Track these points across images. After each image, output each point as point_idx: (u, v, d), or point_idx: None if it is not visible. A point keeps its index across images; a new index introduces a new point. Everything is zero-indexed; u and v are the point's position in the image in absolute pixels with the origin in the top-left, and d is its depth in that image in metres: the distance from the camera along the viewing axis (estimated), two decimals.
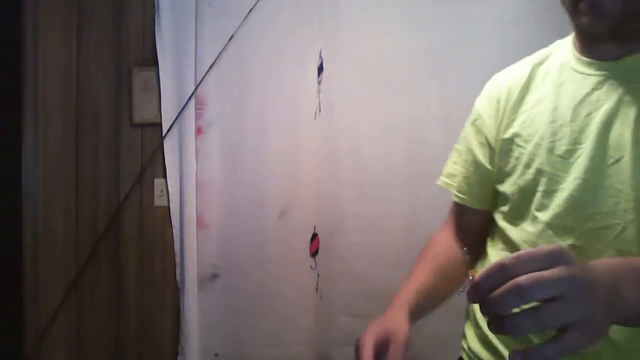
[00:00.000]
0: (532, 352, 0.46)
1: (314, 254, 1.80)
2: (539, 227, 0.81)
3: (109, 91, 1.87)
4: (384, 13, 1.73)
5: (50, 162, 1.87)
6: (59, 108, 1.87)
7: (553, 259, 0.47)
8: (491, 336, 0.89)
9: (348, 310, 1.77)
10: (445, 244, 0.99)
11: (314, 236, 1.80)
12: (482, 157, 0.91)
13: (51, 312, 1.86)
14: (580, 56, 0.83)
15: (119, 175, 1.87)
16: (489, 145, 0.90)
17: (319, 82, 1.77)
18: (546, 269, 0.46)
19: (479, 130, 0.92)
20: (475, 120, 0.94)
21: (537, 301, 0.45)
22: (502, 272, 0.46)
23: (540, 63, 0.89)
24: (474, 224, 0.98)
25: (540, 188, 0.81)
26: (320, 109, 1.78)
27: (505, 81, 0.91)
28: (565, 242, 0.78)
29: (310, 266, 1.80)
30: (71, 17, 1.86)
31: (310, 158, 1.78)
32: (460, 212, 0.99)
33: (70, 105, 1.87)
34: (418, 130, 1.72)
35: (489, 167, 0.91)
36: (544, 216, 0.81)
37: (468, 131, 0.96)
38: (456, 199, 0.96)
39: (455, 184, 0.97)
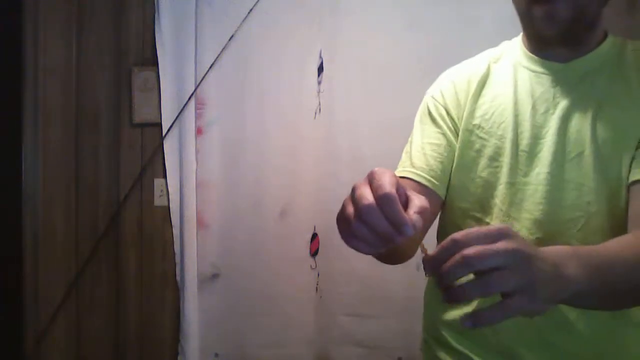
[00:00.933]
0: (481, 314, 0.49)
1: (314, 254, 1.80)
2: (507, 220, 0.82)
3: (109, 91, 1.87)
4: (383, 13, 1.73)
5: (50, 162, 1.87)
6: (59, 108, 1.87)
7: (500, 235, 0.49)
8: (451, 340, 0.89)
9: (348, 310, 1.77)
10: None
11: (314, 236, 1.80)
12: (454, 141, 0.89)
13: (51, 312, 1.86)
14: (532, 56, 0.86)
15: (119, 175, 1.87)
16: (455, 134, 0.89)
17: (319, 82, 1.78)
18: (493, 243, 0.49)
19: (444, 118, 0.90)
20: (438, 108, 0.92)
21: (483, 271, 0.48)
22: (454, 246, 0.49)
23: (495, 61, 0.92)
24: (429, 213, 0.93)
25: (504, 180, 0.82)
26: (320, 109, 1.78)
27: (463, 75, 0.92)
28: (532, 236, 0.80)
29: (310, 266, 1.80)
30: (71, 17, 1.86)
31: (310, 158, 1.78)
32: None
33: (70, 105, 1.87)
34: None
35: (454, 152, 0.89)
36: (511, 210, 0.82)
37: (432, 118, 0.92)
38: (425, 182, 0.87)
39: (408, 166, 0.90)
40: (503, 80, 0.88)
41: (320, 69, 1.77)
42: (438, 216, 0.95)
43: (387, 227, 0.50)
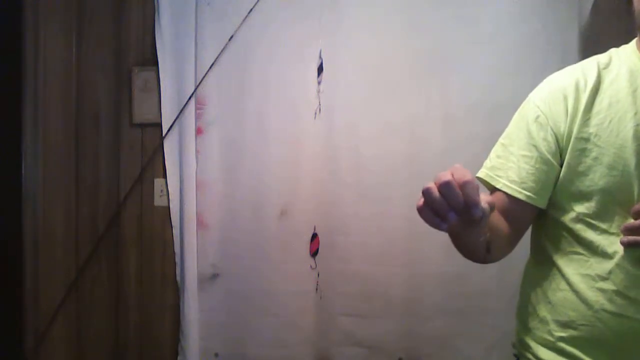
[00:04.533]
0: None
1: (314, 254, 1.80)
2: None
3: (109, 91, 1.87)
4: (383, 13, 1.73)
5: (50, 162, 1.87)
6: (59, 108, 1.87)
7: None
8: (565, 345, 0.89)
9: (348, 310, 1.77)
10: (497, 215, 0.93)
11: (314, 236, 1.80)
12: (549, 153, 0.89)
13: (51, 312, 1.86)
14: None
15: (119, 175, 1.87)
16: (557, 142, 0.89)
17: (319, 82, 1.77)
18: None
19: (542, 127, 0.90)
20: (538, 117, 0.91)
21: None
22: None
23: (605, 67, 0.90)
24: (522, 221, 0.94)
25: (629, 189, 0.83)
26: (320, 109, 1.78)
27: (570, 80, 0.90)
28: None
29: (310, 266, 1.80)
30: (71, 17, 1.86)
31: (310, 158, 1.78)
32: (508, 207, 0.93)
33: (70, 105, 1.87)
34: (418, 130, 1.72)
35: (555, 163, 0.90)
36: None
37: (529, 127, 0.92)
38: (519, 195, 0.91)
39: (503, 178, 0.93)
40: (618, 87, 0.87)
41: (320, 69, 1.77)
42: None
43: (461, 202, 0.61)
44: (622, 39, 0.96)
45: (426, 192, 0.63)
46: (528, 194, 0.90)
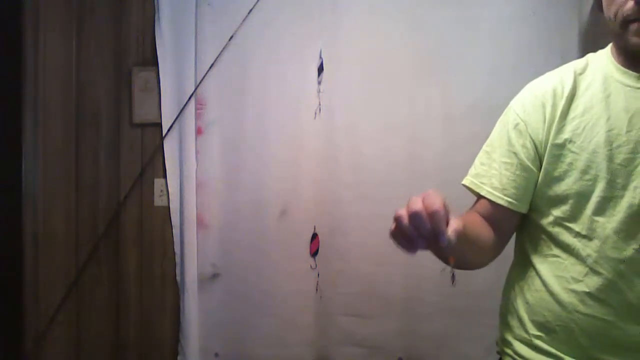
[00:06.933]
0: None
1: (314, 254, 1.80)
2: (602, 232, 0.85)
3: (109, 91, 1.87)
4: (383, 13, 1.73)
5: (50, 162, 1.87)
6: (59, 108, 1.87)
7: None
8: (541, 342, 0.92)
9: (348, 310, 1.77)
10: (482, 223, 0.96)
11: (314, 236, 1.80)
12: (528, 159, 0.92)
13: (51, 312, 1.86)
14: (627, 70, 0.87)
15: (119, 175, 1.87)
16: (535, 148, 0.92)
17: (319, 82, 1.77)
18: None
19: (522, 134, 0.93)
20: (517, 124, 0.94)
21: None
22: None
23: (581, 72, 0.92)
24: (506, 226, 0.97)
25: (600, 194, 0.85)
26: (320, 109, 1.78)
27: (548, 87, 0.93)
28: (630, 246, 0.83)
29: (310, 266, 1.80)
30: (71, 17, 1.86)
31: (310, 158, 1.78)
32: (492, 213, 0.95)
33: (70, 105, 1.87)
34: (418, 130, 1.72)
35: (534, 169, 0.92)
36: (608, 222, 0.84)
37: (509, 135, 0.95)
38: (501, 202, 0.93)
39: (487, 185, 0.96)
40: (593, 93, 0.89)
41: (320, 69, 1.77)
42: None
43: (429, 231, 0.65)
44: None
45: (397, 219, 0.67)
46: (509, 200, 0.93)
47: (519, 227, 0.99)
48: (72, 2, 1.86)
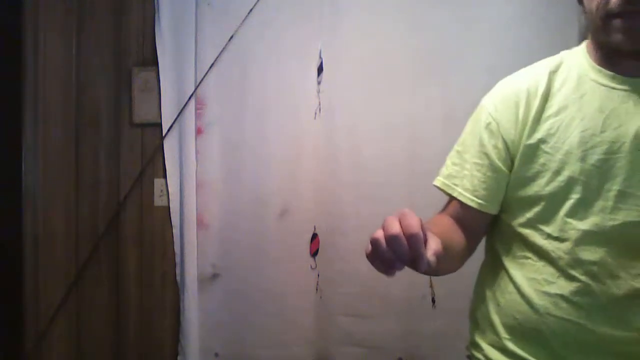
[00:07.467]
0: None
1: (314, 254, 1.80)
2: (575, 234, 0.83)
3: (109, 91, 1.87)
4: (383, 13, 1.73)
5: (50, 162, 1.87)
6: (59, 108, 1.87)
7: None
8: (512, 345, 0.90)
9: (348, 310, 1.77)
10: (453, 228, 0.94)
11: (314, 236, 1.80)
12: (499, 160, 0.90)
13: (51, 312, 1.86)
14: (601, 69, 0.85)
15: (119, 175, 1.87)
16: (507, 148, 0.89)
17: (319, 82, 1.77)
18: None
19: (493, 134, 0.91)
20: (489, 124, 0.91)
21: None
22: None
23: (555, 71, 0.89)
24: (477, 228, 0.95)
25: (574, 196, 0.83)
26: (320, 109, 1.78)
27: (521, 86, 0.90)
28: (602, 249, 0.81)
29: (310, 266, 1.80)
30: (71, 17, 1.86)
31: (310, 158, 1.78)
32: (463, 214, 0.94)
33: (70, 105, 1.87)
34: (418, 130, 1.72)
35: (505, 170, 0.90)
36: (581, 224, 0.82)
37: (481, 135, 0.93)
38: (471, 204, 0.92)
39: (459, 186, 0.94)
40: (567, 92, 0.86)
41: (320, 69, 1.77)
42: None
43: (407, 254, 0.61)
44: None
45: (374, 243, 0.63)
46: (480, 201, 0.91)
47: (490, 227, 0.97)
48: (72, 2, 1.86)
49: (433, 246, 0.63)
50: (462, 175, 0.94)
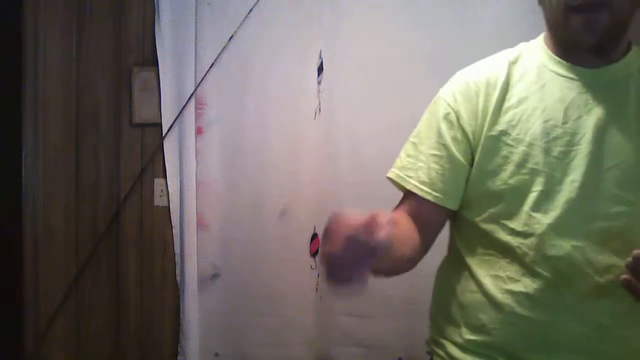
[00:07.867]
0: None
1: (314, 254, 1.80)
2: (540, 228, 0.80)
3: (109, 91, 1.87)
4: (384, 13, 1.73)
5: (50, 162, 1.87)
6: (59, 108, 1.87)
7: None
8: (474, 345, 0.88)
9: (348, 310, 1.77)
10: (408, 227, 0.90)
11: (314, 236, 1.80)
12: (458, 152, 0.87)
13: (51, 312, 1.86)
14: (560, 60, 0.85)
15: (119, 175, 1.87)
16: (467, 140, 0.87)
17: (319, 82, 1.77)
18: None
19: (452, 125, 0.88)
20: (448, 114, 0.88)
21: None
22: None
23: (514, 62, 0.88)
24: (433, 223, 0.92)
25: (537, 188, 0.81)
26: (320, 109, 1.78)
27: (480, 77, 0.88)
28: (567, 243, 0.79)
29: (310, 266, 1.80)
30: (71, 17, 1.86)
31: (310, 158, 1.78)
32: (419, 210, 0.90)
33: (70, 105, 1.87)
34: None
35: (465, 163, 0.87)
36: (545, 218, 0.80)
37: (439, 125, 0.89)
38: (428, 197, 0.88)
39: (413, 178, 0.90)
40: (527, 83, 0.85)
41: (320, 69, 1.77)
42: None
43: (367, 244, 0.62)
44: None
45: (329, 258, 0.63)
46: (437, 195, 0.88)
47: (451, 224, 0.95)
48: (72, 2, 1.85)
49: (381, 229, 0.63)
50: (417, 167, 0.90)
